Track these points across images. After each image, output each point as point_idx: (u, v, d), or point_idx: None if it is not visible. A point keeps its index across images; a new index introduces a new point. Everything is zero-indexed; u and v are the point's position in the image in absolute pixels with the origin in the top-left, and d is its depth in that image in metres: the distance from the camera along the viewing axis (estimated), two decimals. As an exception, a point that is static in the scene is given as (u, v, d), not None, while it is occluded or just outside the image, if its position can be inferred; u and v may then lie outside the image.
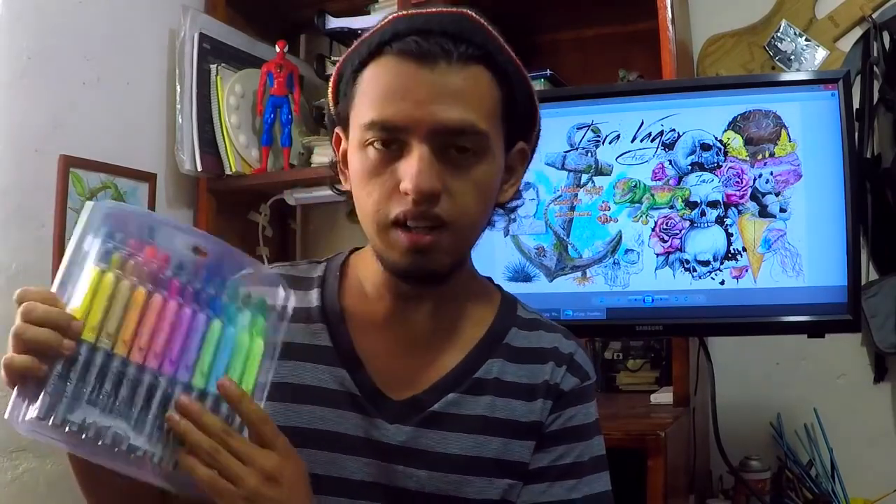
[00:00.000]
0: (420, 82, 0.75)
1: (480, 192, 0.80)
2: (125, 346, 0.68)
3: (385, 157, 0.77)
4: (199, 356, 0.71)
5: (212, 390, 0.70)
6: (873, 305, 1.62)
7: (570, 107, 1.49)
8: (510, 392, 0.86)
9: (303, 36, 2.25)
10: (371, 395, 0.84)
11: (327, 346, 0.86)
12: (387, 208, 0.78)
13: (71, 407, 0.66)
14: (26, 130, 1.53)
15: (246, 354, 0.73)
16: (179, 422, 0.68)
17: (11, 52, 1.51)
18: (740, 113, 1.40)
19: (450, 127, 0.76)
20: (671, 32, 1.56)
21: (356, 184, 0.81)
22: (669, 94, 1.46)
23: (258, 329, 0.74)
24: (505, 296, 0.95)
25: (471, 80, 0.77)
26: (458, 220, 0.78)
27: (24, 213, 1.52)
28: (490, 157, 0.80)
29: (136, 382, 0.68)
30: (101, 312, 0.67)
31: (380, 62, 0.78)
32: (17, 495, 1.46)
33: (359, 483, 0.82)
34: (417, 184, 0.74)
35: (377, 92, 0.77)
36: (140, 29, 1.80)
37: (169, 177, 1.87)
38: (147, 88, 1.82)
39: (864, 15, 1.73)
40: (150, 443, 0.68)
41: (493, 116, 0.80)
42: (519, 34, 1.96)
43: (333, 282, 0.90)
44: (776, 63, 1.80)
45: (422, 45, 0.75)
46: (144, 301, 0.69)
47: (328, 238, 2.19)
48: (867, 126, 1.69)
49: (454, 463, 0.83)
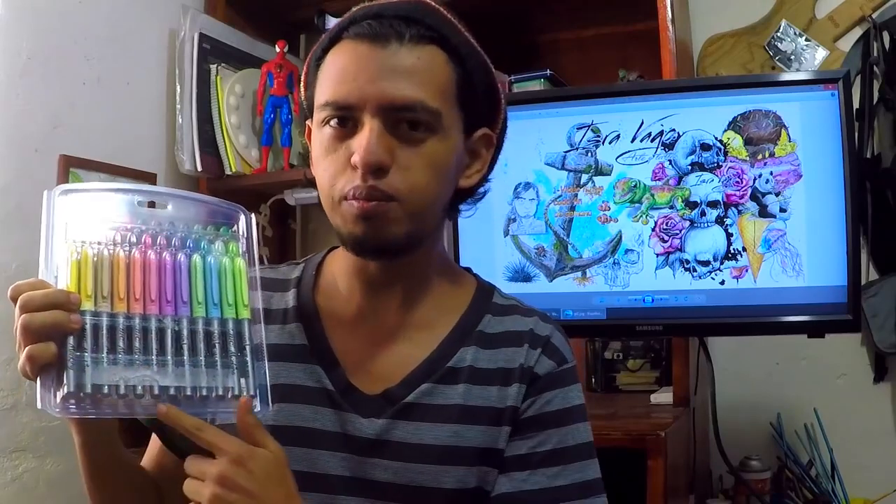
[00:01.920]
0: (371, 60, 0.79)
1: (433, 168, 0.81)
2: (122, 302, 0.72)
3: (340, 133, 0.80)
4: (192, 289, 0.75)
5: (214, 314, 0.75)
6: (873, 305, 1.62)
7: (570, 107, 1.49)
8: (485, 379, 0.86)
9: (303, 36, 2.24)
10: (345, 391, 0.86)
11: (303, 344, 0.88)
12: (340, 183, 0.80)
13: (96, 373, 0.68)
14: (26, 130, 1.53)
15: (233, 274, 0.77)
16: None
17: (11, 52, 1.51)
18: (740, 113, 1.41)
19: (399, 103, 0.78)
20: (671, 32, 1.56)
21: (315, 163, 0.85)
22: (669, 94, 1.46)
23: (233, 251, 0.78)
24: (481, 284, 0.94)
25: (423, 60, 0.80)
26: (408, 193, 0.80)
27: (24, 212, 1.52)
28: (443, 135, 0.81)
29: (144, 331, 0.72)
30: (90, 281, 0.71)
31: (338, 47, 0.82)
32: (17, 495, 1.46)
33: (336, 478, 0.83)
34: (364, 156, 0.77)
35: (333, 74, 0.81)
36: (140, 29, 1.80)
37: (169, 177, 1.87)
38: (147, 88, 1.82)
39: (864, 15, 1.73)
40: (178, 379, 0.71)
41: (446, 95, 0.81)
42: (519, 34, 1.98)
43: (309, 281, 0.92)
44: (776, 63, 1.80)
45: (374, 28, 0.79)
46: (125, 261, 0.73)
47: (328, 238, 2.16)
48: (867, 126, 1.69)
49: (429, 453, 0.83)
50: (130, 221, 0.75)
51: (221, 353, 0.74)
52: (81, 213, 0.73)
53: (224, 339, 0.75)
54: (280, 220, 2.15)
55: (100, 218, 0.74)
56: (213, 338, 0.74)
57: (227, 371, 0.74)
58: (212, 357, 0.74)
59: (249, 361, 0.75)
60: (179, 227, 0.77)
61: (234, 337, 0.75)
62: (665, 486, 1.41)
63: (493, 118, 0.89)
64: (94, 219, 0.74)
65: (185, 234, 0.77)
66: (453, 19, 0.84)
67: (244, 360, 0.75)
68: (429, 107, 0.79)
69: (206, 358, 0.73)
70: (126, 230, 0.74)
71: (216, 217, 0.80)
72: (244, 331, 0.76)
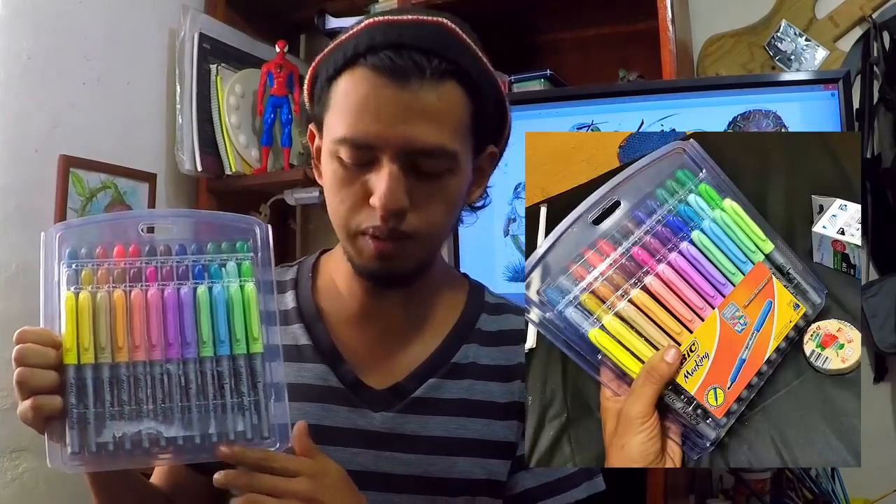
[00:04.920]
0: (392, 100, 0.76)
1: (448, 205, 0.82)
2: (123, 351, 0.69)
3: (356, 168, 0.79)
4: (197, 328, 0.71)
5: (223, 352, 0.71)
6: (873, 305, 1.62)
7: (570, 107, 1.49)
8: (487, 375, 0.89)
9: (303, 36, 2.25)
10: (354, 387, 0.87)
11: (307, 344, 0.89)
12: (357, 218, 0.80)
13: (99, 430, 0.67)
14: (26, 130, 1.53)
15: (242, 304, 0.73)
16: (224, 478, 0.70)
17: (11, 52, 1.51)
18: (740, 113, 1.41)
19: (419, 148, 0.77)
20: (671, 32, 1.56)
21: (328, 189, 0.83)
22: (669, 94, 1.46)
23: (245, 272, 0.74)
24: (472, 282, 0.97)
25: (443, 100, 0.78)
26: (426, 232, 0.81)
27: (24, 212, 1.52)
28: (458, 172, 0.81)
29: (148, 380, 0.69)
30: (88, 331, 0.69)
31: (354, 74, 0.78)
32: (17, 495, 1.46)
33: (352, 473, 0.83)
34: (385, 203, 0.76)
35: (350, 106, 0.78)
36: (140, 29, 1.80)
37: (169, 177, 1.87)
38: (147, 88, 1.82)
39: (864, 15, 1.73)
40: (186, 427, 0.69)
41: (463, 132, 0.80)
42: (519, 34, 1.98)
43: (307, 283, 0.93)
44: (776, 63, 1.80)
45: (395, 61, 0.76)
46: (125, 302, 0.70)
47: (328, 238, 2.17)
48: (867, 126, 1.68)
49: (439, 445, 0.85)
50: (133, 253, 0.72)
51: (233, 394, 0.71)
52: (80, 252, 0.71)
53: (236, 378, 0.72)
54: (280, 220, 2.15)
55: (100, 254, 0.71)
56: (223, 378, 0.71)
57: (237, 413, 0.71)
58: (222, 399, 0.71)
59: (262, 400, 0.72)
60: (190, 250, 0.73)
61: (246, 374, 0.72)
62: (665, 486, 1.41)
63: (499, 134, 0.89)
64: (94, 256, 0.71)
65: (194, 260, 0.73)
66: (470, 41, 0.82)
67: (257, 399, 0.72)
68: (448, 150, 0.78)
69: (215, 401, 0.70)
70: (128, 265, 0.71)
71: (229, 233, 0.76)
72: (257, 366, 0.72)
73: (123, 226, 0.74)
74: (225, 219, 0.78)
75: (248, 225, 0.77)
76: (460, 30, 0.81)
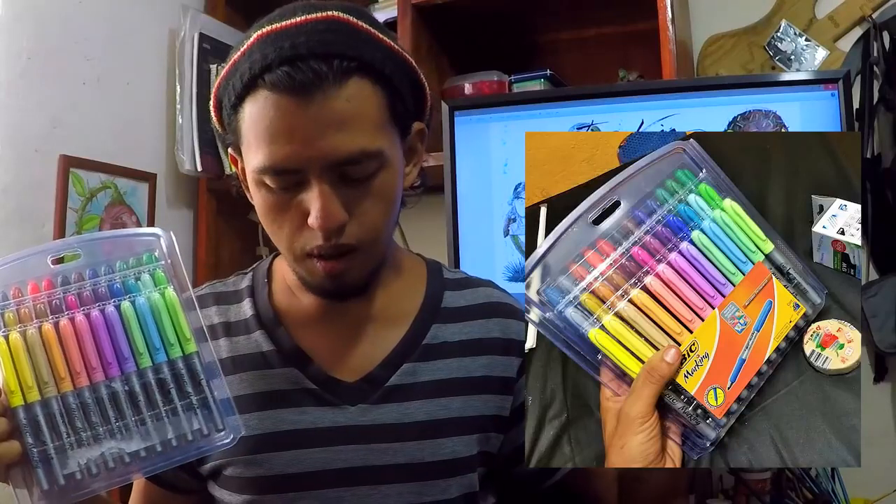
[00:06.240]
0: (300, 118, 0.74)
1: (385, 203, 0.81)
2: (66, 381, 0.71)
3: (285, 192, 0.78)
4: (131, 342, 0.74)
5: (160, 359, 0.74)
6: (873, 305, 1.62)
7: (570, 107, 1.49)
8: (459, 352, 0.89)
9: (303, 36, 2.24)
10: (326, 384, 0.86)
11: (271, 350, 0.87)
12: (300, 241, 0.80)
13: (63, 462, 0.69)
14: (26, 130, 1.53)
15: (167, 309, 0.75)
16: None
17: (11, 52, 1.51)
18: (740, 113, 1.40)
19: (342, 159, 0.76)
20: (671, 32, 1.56)
21: (263, 216, 0.82)
22: (669, 94, 1.46)
23: (160, 280, 0.76)
24: (429, 262, 0.97)
25: (352, 101, 0.75)
26: (370, 238, 0.81)
27: (24, 212, 1.52)
28: (388, 166, 0.80)
29: (97, 402, 0.72)
30: (28, 369, 0.70)
31: (256, 99, 0.76)
32: (17, 495, 1.46)
33: (336, 472, 0.83)
34: (323, 223, 0.76)
35: (261, 134, 0.76)
36: (140, 29, 1.80)
37: (169, 177, 1.87)
38: (147, 88, 1.82)
39: (864, 15, 1.73)
40: (144, 439, 0.72)
41: (381, 125, 0.78)
42: (519, 34, 1.98)
43: (262, 289, 0.92)
44: (776, 63, 1.80)
45: (294, 76, 0.73)
46: (54, 334, 0.72)
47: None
48: (867, 126, 1.68)
49: (423, 430, 0.85)
50: (48, 286, 0.73)
51: (179, 396, 0.74)
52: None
53: (178, 380, 0.74)
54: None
55: (14, 294, 0.72)
56: (166, 384, 0.74)
57: (189, 414, 0.74)
58: (171, 404, 0.73)
59: (208, 395, 0.74)
60: (102, 272, 0.74)
61: (187, 375, 0.74)
62: (665, 486, 1.41)
63: (421, 110, 0.87)
64: (9, 297, 0.72)
65: (109, 280, 0.74)
66: (368, 25, 0.79)
67: (203, 396, 0.74)
68: (370, 151, 0.77)
69: (165, 407, 0.73)
70: (47, 298, 0.72)
71: (135, 248, 0.77)
72: (195, 365, 0.75)
73: (30, 263, 0.74)
74: (129, 235, 0.79)
75: (151, 236, 0.78)
76: (355, 17, 0.79)
